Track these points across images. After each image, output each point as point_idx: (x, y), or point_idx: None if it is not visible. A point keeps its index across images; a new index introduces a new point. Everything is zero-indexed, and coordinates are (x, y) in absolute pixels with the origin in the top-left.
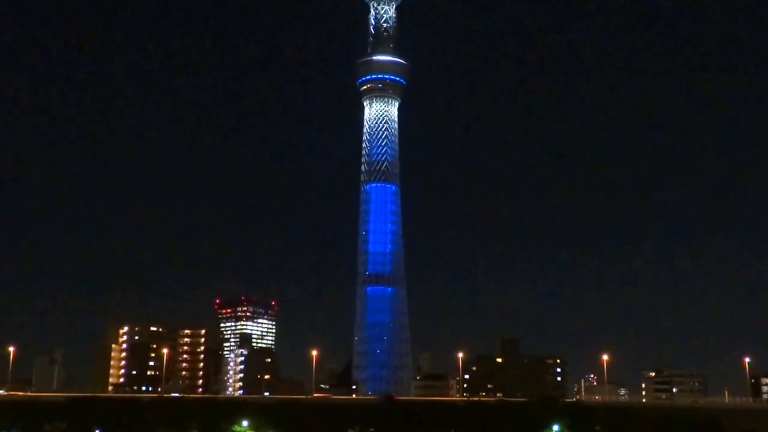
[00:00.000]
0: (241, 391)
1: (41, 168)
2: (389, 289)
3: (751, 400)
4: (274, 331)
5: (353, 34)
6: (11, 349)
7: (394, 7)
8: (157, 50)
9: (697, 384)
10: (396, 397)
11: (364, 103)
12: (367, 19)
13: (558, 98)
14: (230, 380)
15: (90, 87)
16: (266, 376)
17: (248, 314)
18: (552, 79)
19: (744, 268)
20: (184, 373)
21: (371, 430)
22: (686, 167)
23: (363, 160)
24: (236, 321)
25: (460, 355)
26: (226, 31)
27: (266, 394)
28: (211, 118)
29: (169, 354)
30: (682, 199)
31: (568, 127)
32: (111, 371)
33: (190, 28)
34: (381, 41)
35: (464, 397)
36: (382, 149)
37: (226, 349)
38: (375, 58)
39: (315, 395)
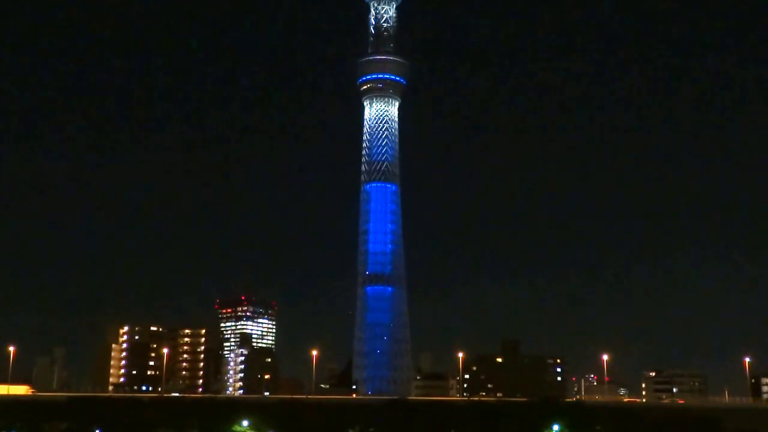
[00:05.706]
0: (241, 391)
1: (41, 167)
2: (389, 289)
3: (751, 400)
4: (274, 331)
5: (353, 34)
6: (11, 349)
7: (394, 7)
8: (157, 49)
9: (697, 384)
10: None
11: (364, 103)
12: (367, 19)
13: (559, 97)
14: (230, 380)
15: (90, 89)
16: (266, 376)
17: (248, 314)
18: (554, 77)
19: (744, 268)
20: (184, 373)
21: (371, 430)
22: (684, 166)
23: (363, 160)
24: (236, 321)
25: (460, 355)
26: (226, 30)
27: (266, 394)
28: (210, 117)
29: (169, 354)
30: (680, 198)
31: (570, 125)
32: (111, 371)
33: (189, 28)
34: (381, 41)
35: (464, 397)
36: (382, 149)
37: (226, 349)
38: (375, 57)
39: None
